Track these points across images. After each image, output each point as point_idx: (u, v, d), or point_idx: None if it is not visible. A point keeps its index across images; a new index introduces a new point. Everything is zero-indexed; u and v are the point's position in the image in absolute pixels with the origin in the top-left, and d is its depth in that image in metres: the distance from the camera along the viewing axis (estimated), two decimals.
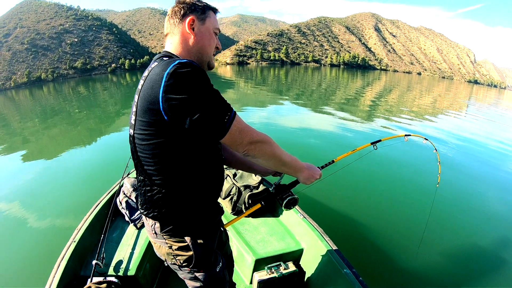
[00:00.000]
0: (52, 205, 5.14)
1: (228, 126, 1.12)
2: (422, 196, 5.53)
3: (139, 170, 1.31)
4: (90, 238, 2.54)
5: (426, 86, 59.82)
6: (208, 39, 1.36)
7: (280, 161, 1.34)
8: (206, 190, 1.38)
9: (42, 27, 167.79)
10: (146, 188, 1.31)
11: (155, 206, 1.31)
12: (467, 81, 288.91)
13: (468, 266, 3.97)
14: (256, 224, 2.93)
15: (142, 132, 1.18)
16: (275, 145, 1.29)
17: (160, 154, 1.19)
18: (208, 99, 1.09)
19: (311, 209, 3.57)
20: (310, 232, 2.57)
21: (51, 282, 2.03)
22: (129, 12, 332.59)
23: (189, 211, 1.35)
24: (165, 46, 1.37)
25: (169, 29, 1.35)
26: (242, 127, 1.16)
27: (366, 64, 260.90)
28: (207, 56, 1.38)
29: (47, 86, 63.26)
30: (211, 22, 1.37)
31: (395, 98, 27.13)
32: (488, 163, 8.39)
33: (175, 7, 1.33)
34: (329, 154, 6.76)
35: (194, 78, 1.08)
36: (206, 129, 1.12)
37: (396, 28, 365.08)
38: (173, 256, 1.42)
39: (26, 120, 15.96)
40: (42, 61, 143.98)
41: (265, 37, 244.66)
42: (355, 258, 3.17)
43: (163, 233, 1.36)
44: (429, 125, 13.17)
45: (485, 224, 4.99)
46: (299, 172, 1.48)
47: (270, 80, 43.18)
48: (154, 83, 1.10)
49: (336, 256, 2.24)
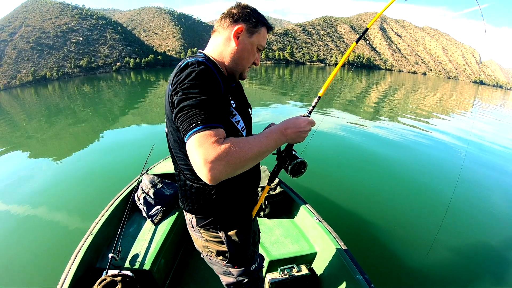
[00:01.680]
0: (71, 201, 5.15)
1: (190, 134, 0.99)
2: (438, 197, 5.53)
3: (175, 165, 1.33)
4: (107, 232, 2.59)
5: (431, 86, 59.31)
6: (248, 53, 1.31)
7: (258, 155, 1.10)
8: (240, 184, 1.34)
9: (47, 26, 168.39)
10: (180, 183, 1.32)
11: (189, 200, 1.32)
12: (472, 81, 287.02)
13: (479, 270, 3.90)
14: (271, 225, 2.95)
15: (169, 129, 1.21)
16: (241, 149, 1.02)
17: (185, 150, 1.07)
18: (193, 100, 1.03)
19: (326, 212, 3.53)
20: (324, 236, 2.56)
21: (67, 273, 2.07)
22: (134, 11, 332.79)
23: (223, 206, 1.32)
24: (208, 44, 1.36)
25: (217, 27, 1.33)
26: (201, 143, 0.96)
27: (371, 64, 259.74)
28: (241, 68, 1.34)
29: (52, 85, 63.72)
30: (259, 38, 1.33)
31: (400, 98, 27.12)
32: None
33: (233, 9, 1.30)
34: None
35: (194, 77, 1.06)
36: (179, 127, 1.06)
37: (401, 28, 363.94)
38: (208, 249, 1.43)
39: (37, 118, 15.83)
40: (47, 59, 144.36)
41: (269, 36, 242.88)
42: (368, 263, 3.24)
43: (199, 227, 1.37)
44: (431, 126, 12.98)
45: (496, 225, 4.94)
46: (282, 141, 1.24)
47: (275, 80, 43.08)
48: (170, 79, 1.12)
49: (349, 261, 2.22)
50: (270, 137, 1.16)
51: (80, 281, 2.10)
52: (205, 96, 1.04)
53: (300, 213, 3.00)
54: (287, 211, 3.14)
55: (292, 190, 3.28)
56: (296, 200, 3.12)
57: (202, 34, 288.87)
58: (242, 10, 1.29)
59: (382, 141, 9.57)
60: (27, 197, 5.36)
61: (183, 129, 1.02)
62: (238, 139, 1.04)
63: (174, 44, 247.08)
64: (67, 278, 2.04)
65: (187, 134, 0.99)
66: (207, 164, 0.94)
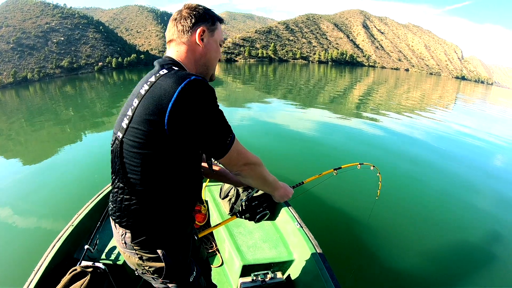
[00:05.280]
0: (55, 201, 5.34)
1: (228, 148, 1.16)
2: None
3: (119, 176, 1.24)
4: (88, 225, 2.62)
5: (414, 82, 60.82)
6: (215, 52, 1.34)
7: (265, 182, 1.43)
8: (183, 203, 1.36)
9: (28, 25, 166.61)
10: (124, 196, 1.26)
11: (130, 215, 1.27)
12: (454, 77, 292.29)
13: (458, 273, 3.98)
14: (252, 228, 2.87)
15: (135, 139, 1.13)
16: (264, 167, 1.37)
17: (147, 164, 1.15)
18: (213, 121, 1.11)
19: (310, 214, 4.01)
20: (303, 243, 2.48)
21: (44, 260, 2.12)
22: (116, 9, 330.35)
23: (163, 223, 1.31)
24: (169, 52, 1.31)
25: (175, 36, 1.29)
26: (239, 150, 1.22)
27: (354, 61, 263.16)
28: (212, 69, 1.37)
29: (34, 86, 62.61)
30: (219, 34, 1.35)
31: (383, 95, 27.57)
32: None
33: (184, 12, 1.27)
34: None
35: (205, 98, 1.08)
36: (208, 149, 1.16)
37: (384, 25, 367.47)
38: (144, 267, 1.38)
39: (19, 121, 15.55)
40: (28, 60, 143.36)
41: (253, 34, 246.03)
42: (347, 273, 3.52)
43: (134, 243, 1.31)
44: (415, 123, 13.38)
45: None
46: (276, 191, 1.55)
47: (258, 78, 43.41)
48: (163, 95, 1.06)
49: (325, 273, 2.14)
50: (275, 182, 1.53)
51: (56, 269, 2.14)
52: (220, 111, 1.15)
53: (282, 216, 2.94)
54: (270, 214, 2.88)
55: None
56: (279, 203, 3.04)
57: None
58: (196, 11, 1.27)
59: (372, 141, 9.70)
60: (9, 199, 5.54)
61: (217, 145, 1.15)
62: (263, 163, 1.39)
63: (157, 43, 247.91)
64: (43, 265, 2.08)
65: (227, 146, 1.17)
66: (247, 163, 1.28)
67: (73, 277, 1.99)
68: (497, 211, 5.71)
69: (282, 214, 2.94)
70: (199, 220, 3.40)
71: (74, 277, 1.99)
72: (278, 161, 7.52)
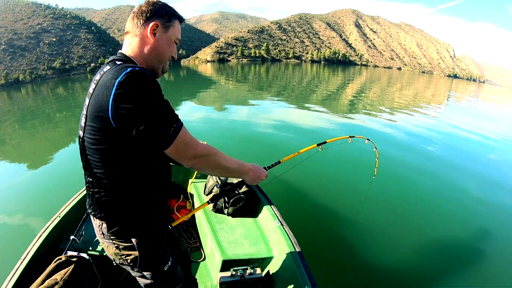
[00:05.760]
0: (49, 202, 5.24)
1: (173, 137, 1.14)
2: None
3: (87, 172, 1.30)
4: (75, 216, 2.67)
5: (406, 81, 60.98)
6: (167, 48, 1.35)
7: (226, 170, 1.39)
8: (151, 193, 1.39)
9: (19, 26, 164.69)
10: (94, 190, 1.31)
11: (102, 207, 1.32)
12: (446, 75, 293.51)
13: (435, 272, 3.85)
14: (234, 224, 2.92)
15: (92, 137, 1.19)
16: (220, 156, 1.32)
17: (107, 159, 1.21)
18: (155, 110, 1.11)
19: (292, 212, 4.01)
20: (283, 240, 2.53)
21: (30, 249, 2.17)
22: (108, 10, 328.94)
23: (134, 212, 1.35)
24: (123, 46, 1.35)
25: (130, 28, 1.32)
26: (187, 141, 1.19)
27: (347, 59, 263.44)
28: (162, 63, 1.38)
29: (26, 88, 61.66)
30: (174, 31, 1.36)
31: (375, 93, 27.85)
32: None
33: (143, 7, 1.31)
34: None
35: (143, 88, 1.09)
36: (151, 139, 1.14)
37: (376, 24, 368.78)
38: (121, 256, 1.43)
39: (11, 123, 15.31)
40: (20, 62, 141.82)
41: (245, 34, 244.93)
42: (323, 271, 3.50)
43: (110, 233, 1.37)
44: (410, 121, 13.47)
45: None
46: (244, 175, 1.53)
47: (251, 77, 43.36)
48: (104, 90, 1.10)
49: (302, 270, 2.19)
50: (241, 166, 1.48)
51: (41, 258, 2.19)
52: (165, 100, 1.16)
53: (264, 214, 2.98)
54: (253, 211, 3.12)
55: (260, 189, 3.27)
56: (262, 200, 3.10)
57: None
58: (153, 6, 1.31)
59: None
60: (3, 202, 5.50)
61: (160, 133, 1.13)
62: (219, 151, 1.33)
63: None
64: (29, 254, 2.13)
65: (172, 136, 1.14)
66: (196, 155, 1.22)
67: (58, 265, 2.05)
68: (487, 206, 5.64)
69: (264, 212, 2.99)
70: (184, 215, 3.42)
71: (58, 265, 2.05)
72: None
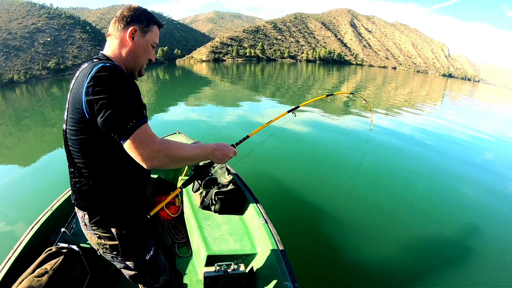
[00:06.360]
0: (45, 202, 5.31)
1: (129, 133, 1.15)
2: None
3: (70, 162, 1.37)
4: (66, 209, 2.73)
5: (401, 80, 61.55)
6: (144, 51, 1.44)
7: (188, 159, 1.36)
8: (130, 183, 1.46)
9: (14, 26, 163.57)
10: (75, 180, 1.37)
11: (83, 197, 1.38)
12: (441, 75, 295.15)
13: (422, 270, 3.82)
14: (220, 221, 2.99)
15: (72, 128, 1.27)
16: (176, 147, 1.29)
17: (86, 149, 1.28)
18: (117, 101, 1.14)
19: (277, 211, 4.11)
20: (266, 238, 2.58)
21: (22, 240, 2.25)
22: (103, 9, 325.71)
23: (114, 203, 1.42)
24: (105, 47, 1.44)
25: (112, 31, 1.41)
26: (144, 138, 1.18)
27: (342, 59, 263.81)
28: (139, 65, 1.46)
29: (20, 88, 61.22)
30: (152, 36, 1.45)
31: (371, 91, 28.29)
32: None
33: (124, 12, 1.39)
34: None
35: (109, 81, 1.15)
36: (109, 130, 1.17)
37: (371, 24, 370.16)
38: (103, 246, 1.48)
39: (5, 124, 14.95)
40: (14, 62, 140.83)
41: (241, 33, 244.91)
42: (305, 268, 3.52)
43: (92, 224, 1.42)
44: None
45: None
46: (210, 156, 1.52)
47: (246, 77, 43.50)
48: (80, 84, 1.20)
49: (283, 267, 2.24)
50: (203, 149, 1.45)
51: (33, 249, 2.25)
52: (132, 96, 1.21)
53: (249, 212, 3.04)
54: (239, 209, 3.17)
55: (247, 187, 3.32)
56: (248, 198, 3.16)
57: (172, 32, 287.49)
58: (134, 12, 1.39)
59: (347, 139, 9.64)
60: None
61: (118, 126, 1.15)
62: (177, 142, 1.31)
63: None
64: (21, 245, 2.20)
65: (129, 130, 1.15)
66: (153, 153, 1.19)
67: (48, 256, 2.11)
68: (476, 202, 5.71)
69: (249, 210, 3.05)
70: (173, 211, 3.51)
71: (49, 256, 2.11)
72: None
